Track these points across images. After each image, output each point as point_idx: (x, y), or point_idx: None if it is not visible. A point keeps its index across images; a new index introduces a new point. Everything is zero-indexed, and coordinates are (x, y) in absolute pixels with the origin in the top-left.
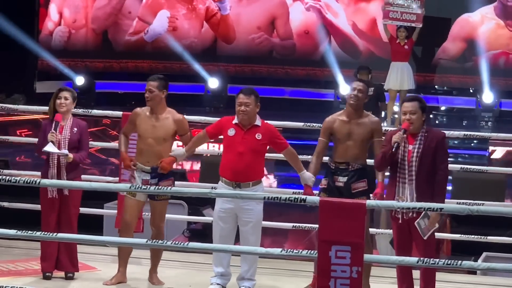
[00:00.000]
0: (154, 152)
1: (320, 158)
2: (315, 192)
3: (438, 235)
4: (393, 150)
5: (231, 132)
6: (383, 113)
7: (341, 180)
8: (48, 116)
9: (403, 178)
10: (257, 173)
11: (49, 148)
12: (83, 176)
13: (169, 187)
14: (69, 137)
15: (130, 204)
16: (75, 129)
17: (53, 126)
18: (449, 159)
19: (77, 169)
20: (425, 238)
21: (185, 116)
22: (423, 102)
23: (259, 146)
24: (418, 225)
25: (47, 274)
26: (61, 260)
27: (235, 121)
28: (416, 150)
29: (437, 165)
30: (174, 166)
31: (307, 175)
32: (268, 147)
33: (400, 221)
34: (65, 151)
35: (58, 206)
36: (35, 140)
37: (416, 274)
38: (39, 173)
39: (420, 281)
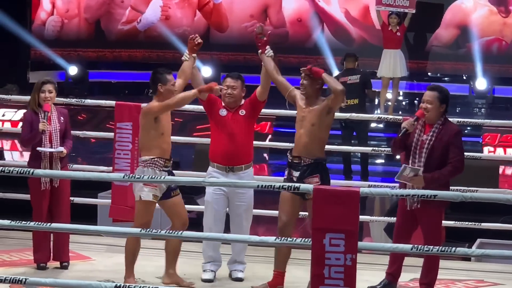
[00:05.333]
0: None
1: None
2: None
3: None
4: (400, 135)
5: (222, 112)
6: (376, 101)
7: (295, 174)
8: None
9: (413, 164)
10: (248, 155)
11: (44, 148)
12: (76, 166)
13: (162, 177)
14: (59, 127)
15: (152, 208)
16: (62, 118)
17: (43, 115)
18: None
19: (65, 159)
20: (396, 179)
21: None
22: (444, 94)
23: (247, 123)
24: (404, 168)
25: (41, 264)
26: (54, 250)
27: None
28: (428, 141)
29: (449, 159)
30: None
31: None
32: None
33: (407, 208)
34: (60, 148)
35: (49, 197)
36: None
37: (419, 262)
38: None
39: (422, 269)
